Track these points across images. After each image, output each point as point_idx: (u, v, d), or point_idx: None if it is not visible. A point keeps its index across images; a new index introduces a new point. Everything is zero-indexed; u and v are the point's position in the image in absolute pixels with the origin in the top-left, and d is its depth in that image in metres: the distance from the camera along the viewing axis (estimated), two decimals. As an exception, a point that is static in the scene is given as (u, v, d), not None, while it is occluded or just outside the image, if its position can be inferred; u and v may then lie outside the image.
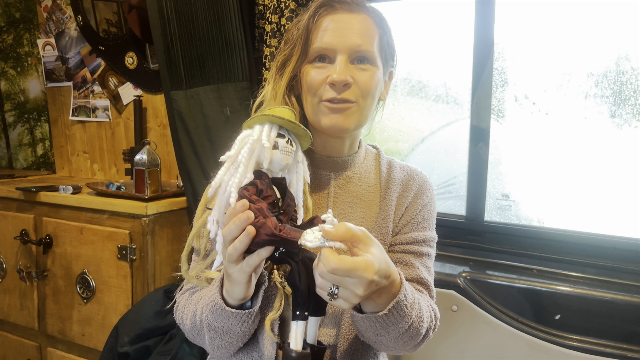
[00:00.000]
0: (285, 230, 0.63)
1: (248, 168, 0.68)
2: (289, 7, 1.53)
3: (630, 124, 1.47)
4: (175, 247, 1.71)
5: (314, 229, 0.63)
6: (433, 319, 0.85)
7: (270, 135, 0.69)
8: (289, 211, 0.71)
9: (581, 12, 1.51)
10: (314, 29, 0.85)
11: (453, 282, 1.46)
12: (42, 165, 2.50)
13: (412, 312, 0.74)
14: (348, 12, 0.85)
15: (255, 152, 0.69)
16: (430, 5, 1.73)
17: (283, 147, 0.69)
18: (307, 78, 0.86)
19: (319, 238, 0.61)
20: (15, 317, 1.90)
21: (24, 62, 2.46)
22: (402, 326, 0.74)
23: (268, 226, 0.62)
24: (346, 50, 0.83)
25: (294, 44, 0.87)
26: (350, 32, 0.83)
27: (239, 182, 0.67)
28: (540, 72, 1.58)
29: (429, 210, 0.97)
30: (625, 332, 1.30)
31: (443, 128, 1.80)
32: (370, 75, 0.85)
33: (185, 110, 1.64)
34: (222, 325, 0.76)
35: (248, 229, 0.62)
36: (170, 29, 1.59)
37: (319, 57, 0.85)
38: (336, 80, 0.82)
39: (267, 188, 0.68)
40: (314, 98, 0.86)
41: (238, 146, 0.69)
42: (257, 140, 0.69)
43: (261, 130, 0.70)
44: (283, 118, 0.70)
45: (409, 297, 0.73)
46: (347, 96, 0.84)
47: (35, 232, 1.81)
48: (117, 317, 1.57)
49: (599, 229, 1.47)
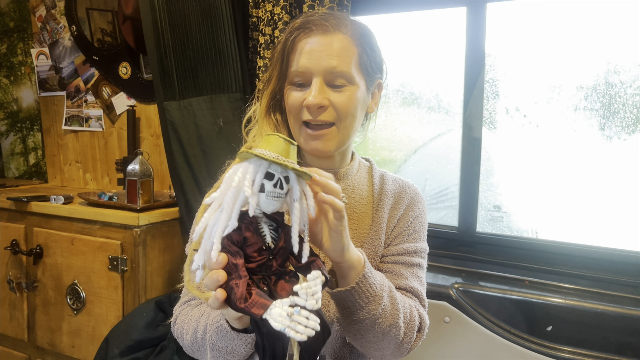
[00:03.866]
0: (250, 301, 0.57)
1: (232, 214, 0.60)
2: (282, 19, 1.54)
3: (619, 137, 1.49)
4: (167, 258, 1.70)
5: (284, 301, 0.56)
6: (416, 319, 0.86)
7: (256, 179, 0.60)
8: (282, 254, 0.63)
9: (571, 26, 1.53)
10: (291, 51, 0.87)
11: (445, 293, 1.46)
12: (34, 174, 2.48)
13: (382, 292, 0.77)
14: (323, 33, 0.85)
15: (240, 197, 0.60)
16: (422, 18, 1.75)
17: (270, 191, 0.60)
18: (288, 100, 0.88)
19: (283, 318, 0.54)
20: (4, 328, 1.88)
21: (18, 71, 2.45)
22: (374, 308, 0.76)
23: (235, 292, 0.57)
24: (321, 73, 0.84)
25: (273, 66, 0.90)
26: (325, 55, 0.84)
27: (220, 231, 0.60)
28: (531, 85, 1.60)
29: (420, 222, 0.98)
30: (617, 344, 1.30)
31: (435, 139, 1.81)
32: (348, 95, 0.86)
33: (178, 120, 1.64)
34: (226, 345, 0.77)
35: (217, 293, 0.59)
36: (164, 39, 1.59)
37: (297, 79, 0.87)
38: (310, 103, 0.83)
39: (253, 234, 0.62)
40: (296, 120, 0.88)
41: (224, 187, 0.62)
42: (238, 186, 0.60)
43: (245, 172, 0.60)
44: (267, 158, 0.59)
45: (376, 278, 0.77)
46: (324, 118, 0.85)
47: (26, 243, 1.79)
48: (108, 329, 1.56)
49: (590, 240, 1.48)
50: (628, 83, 1.46)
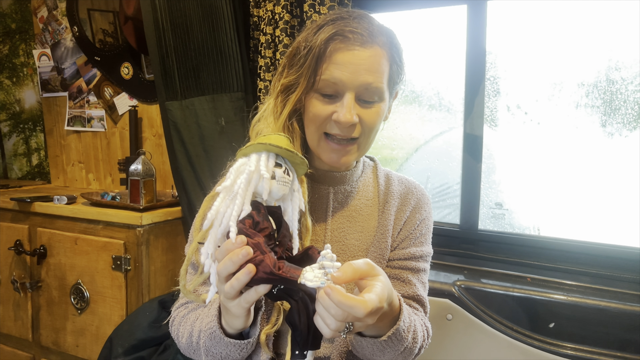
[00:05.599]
0: (284, 269, 0.60)
1: (245, 199, 0.65)
2: (283, 18, 1.54)
3: (620, 134, 1.49)
4: (170, 257, 1.71)
5: (314, 266, 0.59)
6: (426, 338, 0.87)
7: (268, 165, 0.66)
8: (284, 242, 0.68)
9: (572, 23, 1.53)
10: (324, 59, 0.81)
11: (447, 291, 1.47)
12: (37, 175, 2.49)
13: (408, 335, 0.77)
14: (361, 45, 0.80)
15: (252, 183, 0.66)
16: (423, 16, 1.75)
17: (280, 177, 0.67)
18: (312, 109, 0.83)
19: (319, 277, 0.58)
20: (9, 328, 1.89)
21: (20, 73, 2.46)
22: (398, 349, 0.76)
23: (267, 264, 0.59)
24: (355, 88, 0.80)
25: (301, 71, 0.82)
26: (362, 69, 0.79)
27: (236, 214, 0.64)
28: (532, 82, 1.59)
29: (427, 225, 0.97)
30: (620, 340, 1.30)
31: (437, 137, 1.81)
32: (376, 111, 0.83)
33: (180, 120, 1.64)
34: (220, 351, 0.77)
35: (249, 267, 0.59)
36: (166, 39, 1.60)
37: (327, 90, 0.82)
38: (342, 120, 0.80)
39: (263, 220, 0.65)
40: (317, 130, 0.84)
41: (234, 176, 0.66)
42: (254, 171, 0.66)
43: (258, 159, 0.66)
44: (281, 147, 0.67)
45: (406, 322, 0.75)
46: (351, 134, 0.83)
47: (30, 243, 1.80)
48: (112, 328, 1.56)
49: (592, 237, 1.48)
50: (629, 79, 1.46)
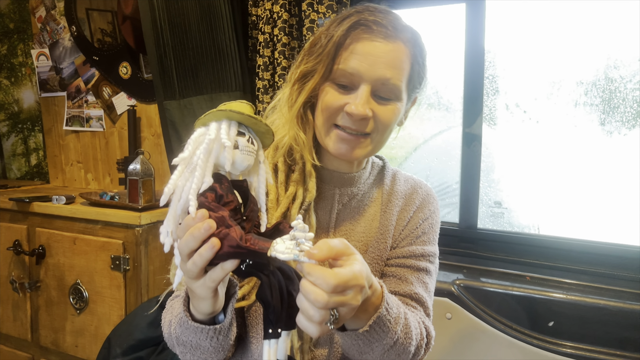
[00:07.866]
0: (252, 241, 0.56)
1: (206, 171, 0.59)
2: (281, 17, 1.54)
3: (619, 132, 1.49)
4: (169, 256, 1.69)
5: (285, 237, 0.55)
6: (424, 337, 0.80)
7: (230, 134, 0.60)
8: (252, 217, 0.63)
9: (570, 21, 1.53)
10: (344, 47, 0.78)
11: (447, 290, 1.47)
12: (35, 175, 2.49)
13: (396, 327, 0.69)
14: (384, 38, 0.77)
15: (213, 153, 0.60)
16: (422, 15, 1.75)
17: (244, 146, 0.60)
18: (324, 98, 0.80)
19: (291, 249, 0.53)
20: (8, 329, 1.89)
21: (18, 72, 2.46)
22: (386, 342, 0.69)
23: (232, 237, 0.55)
24: (371, 81, 0.77)
25: (320, 59, 0.80)
26: (381, 62, 0.76)
27: (196, 187, 0.59)
28: (531, 81, 1.59)
29: (430, 223, 0.93)
30: (619, 339, 1.30)
31: (436, 136, 1.81)
32: (392, 109, 0.80)
33: (178, 120, 1.64)
34: (190, 340, 0.71)
35: (212, 241, 0.55)
36: (164, 39, 1.59)
37: (342, 80, 0.79)
38: (354, 113, 0.76)
39: (227, 193, 0.60)
40: (328, 121, 0.81)
41: (192, 147, 0.60)
42: (214, 140, 0.59)
43: (218, 127, 0.60)
44: (243, 113, 0.60)
45: (392, 312, 0.68)
46: (363, 129, 0.79)
47: (28, 243, 1.80)
48: (111, 328, 1.56)
49: (591, 236, 1.48)
50: (628, 78, 1.46)
